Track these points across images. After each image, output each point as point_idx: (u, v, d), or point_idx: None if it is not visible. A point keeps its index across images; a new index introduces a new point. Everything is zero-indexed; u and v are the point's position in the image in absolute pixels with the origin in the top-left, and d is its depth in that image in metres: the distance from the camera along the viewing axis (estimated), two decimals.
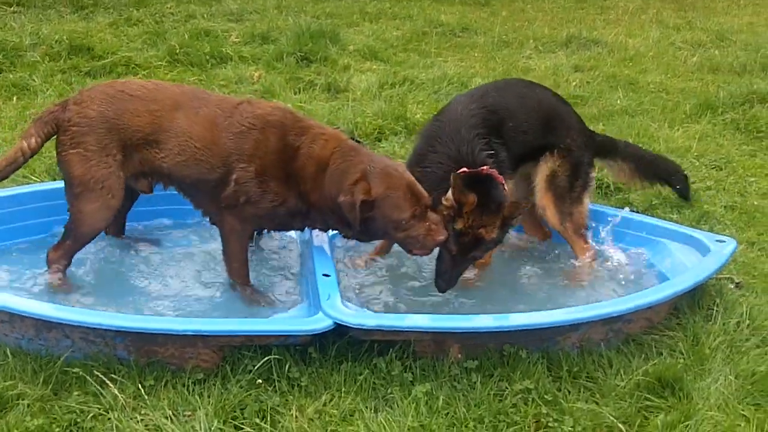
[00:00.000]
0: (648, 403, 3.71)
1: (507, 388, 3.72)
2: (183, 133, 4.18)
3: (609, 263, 4.75)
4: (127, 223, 4.78)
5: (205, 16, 9.53)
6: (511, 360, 3.85)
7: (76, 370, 3.61)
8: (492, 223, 4.16)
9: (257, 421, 3.43)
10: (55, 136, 4.24)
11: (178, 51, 8.09)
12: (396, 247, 4.64)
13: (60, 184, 4.41)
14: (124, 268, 4.56)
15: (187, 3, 10.05)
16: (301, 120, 4.28)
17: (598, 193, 5.66)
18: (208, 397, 3.51)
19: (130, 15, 9.47)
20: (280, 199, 4.18)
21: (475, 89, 5.04)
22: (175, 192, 4.43)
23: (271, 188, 4.15)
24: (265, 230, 4.65)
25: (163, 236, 4.91)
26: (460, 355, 3.83)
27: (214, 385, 3.59)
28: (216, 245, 4.45)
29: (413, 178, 4.11)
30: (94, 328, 3.65)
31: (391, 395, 3.61)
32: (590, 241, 4.80)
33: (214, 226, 4.38)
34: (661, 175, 5.35)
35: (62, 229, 4.32)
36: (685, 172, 5.55)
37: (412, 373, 3.74)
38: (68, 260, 4.28)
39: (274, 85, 7.38)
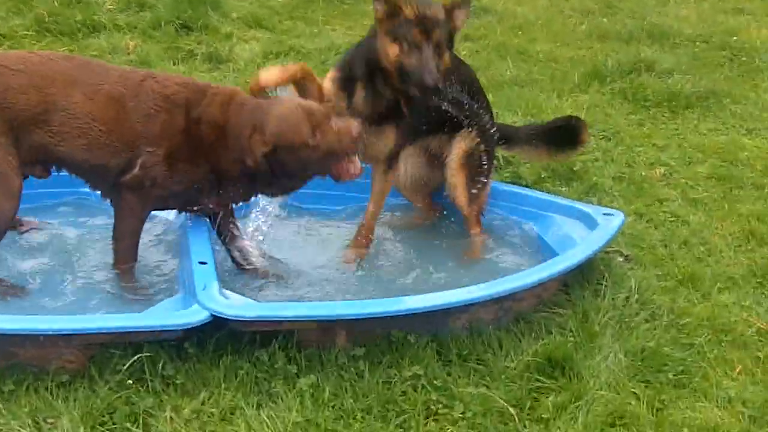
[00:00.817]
0: (539, 384, 3.65)
1: (396, 375, 3.61)
2: (84, 114, 3.85)
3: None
4: None
5: None
6: (399, 346, 3.74)
7: None
8: (436, 6, 4.21)
9: (128, 425, 3.22)
10: None
11: (46, 19, 7.55)
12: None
13: None
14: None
15: None
16: (202, 89, 4.06)
17: None
18: (74, 401, 3.28)
19: None
20: (188, 179, 3.99)
21: None
22: None
23: (179, 169, 3.95)
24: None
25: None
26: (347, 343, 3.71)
27: (81, 387, 3.35)
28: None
29: (302, 102, 4.04)
30: None
31: (275, 389, 3.46)
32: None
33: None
34: (565, 132, 5.17)
35: None
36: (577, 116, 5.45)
37: (297, 364, 3.59)
38: None
39: (150, 56, 7.02)
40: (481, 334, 3.88)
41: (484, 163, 4.69)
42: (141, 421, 3.25)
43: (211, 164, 3.99)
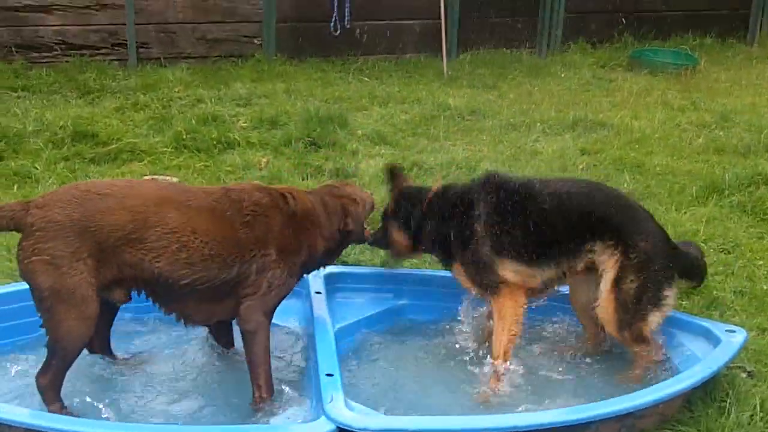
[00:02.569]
0: None
1: None
2: (182, 227, 3.98)
3: None
4: None
5: (213, 100, 9.55)
6: None
7: None
8: None
9: None
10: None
11: (184, 136, 8.07)
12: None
13: None
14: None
15: (196, 87, 10.10)
16: (269, 190, 4.36)
17: None
18: None
19: (137, 99, 9.47)
20: (297, 269, 4.26)
21: None
22: None
23: (291, 261, 4.20)
24: None
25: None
26: None
27: None
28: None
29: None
30: None
31: None
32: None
33: None
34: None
35: None
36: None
37: None
38: (59, 381, 3.98)
39: (281, 171, 7.37)
40: None
41: (645, 291, 4.50)
42: None
43: (308, 248, 4.30)
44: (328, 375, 3.90)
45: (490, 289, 4.51)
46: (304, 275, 4.51)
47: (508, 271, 4.48)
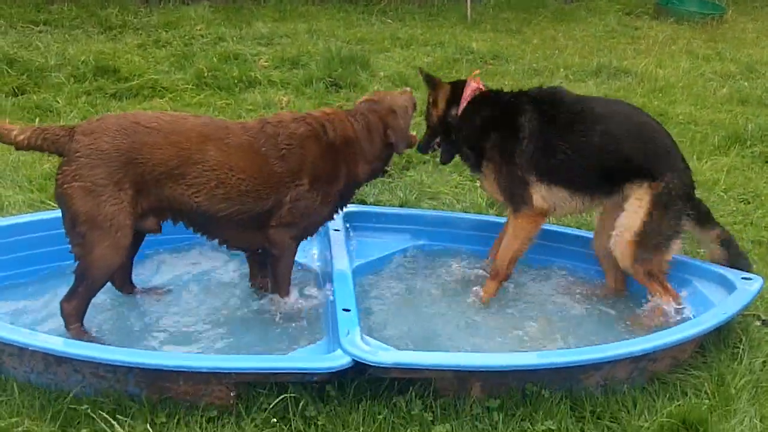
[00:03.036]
0: None
1: (529, 428, 3.68)
2: (220, 166, 4.06)
3: None
4: None
5: (235, 39, 9.53)
6: (533, 399, 3.80)
7: (85, 406, 3.55)
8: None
9: None
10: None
11: (205, 74, 8.09)
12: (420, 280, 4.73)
13: None
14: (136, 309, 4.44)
15: (218, 25, 10.07)
16: (311, 118, 4.36)
17: None
18: None
19: (158, 37, 9.48)
20: (332, 198, 4.31)
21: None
22: None
23: (325, 191, 4.26)
24: None
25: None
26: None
27: (228, 423, 3.54)
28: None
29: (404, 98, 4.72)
30: (105, 364, 3.61)
31: None
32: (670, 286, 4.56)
33: None
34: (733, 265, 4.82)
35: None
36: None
37: (433, 412, 3.70)
38: (84, 309, 4.05)
39: (302, 111, 7.34)
40: (615, 392, 3.90)
41: (664, 224, 4.51)
42: None
43: (347, 176, 4.32)
44: (345, 310, 3.94)
45: (514, 204, 4.55)
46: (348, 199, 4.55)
47: (539, 195, 4.52)
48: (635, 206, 4.49)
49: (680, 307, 4.50)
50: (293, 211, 4.20)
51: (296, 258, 4.44)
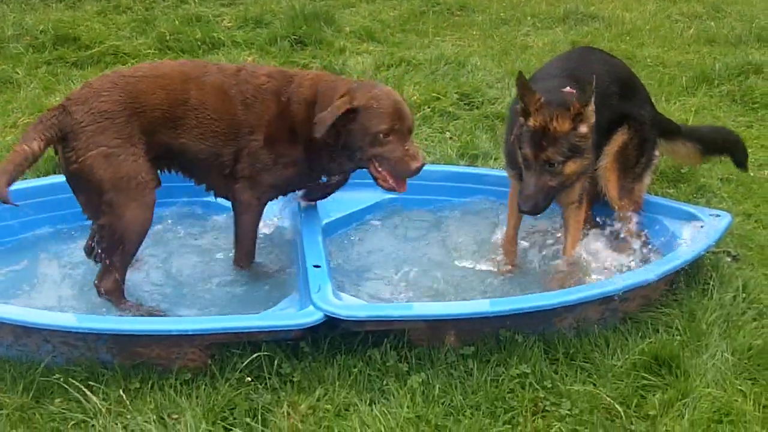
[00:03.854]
0: (645, 382, 3.70)
1: (504, 373, 3.71)
2: (199, 105, 4.09)
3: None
4: None
5: (197, 1, 9.40)
6: (507, 345, 3.84)
7: (57, 376, 3.54)
8: (561, 115, 4.03)
9: (248, 420, 3.39)
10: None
11: (168, 38, 7.96)
12: (392, 235, 4.70)
13: None
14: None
15: None
16: (289, 76, 4.33)
17: None
18: (197, 398, 3.47)
19: (118, 2, 9.27)
20: (290, 158, 4.24)
21: (556, 57, 5.05)
22: None
23: (280, 151, 4.21)
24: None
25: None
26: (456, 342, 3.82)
27: (203, 385, 3.54)
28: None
29: (402, 99, 4.22)
30: (75, 333, 3.60)
31: (387, 387, 3.60)
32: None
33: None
34: (724, 147, 5.15)
35: None
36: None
37: (408, 363, 3.72)
38: (123, 280, 4.04)
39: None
40: (588, 333, 3.94)
41: (641, 157, 4.67)
42: (260, 417, 3.41)
43: (304, 141, 4.22)
44: (316, 266, 3.95)
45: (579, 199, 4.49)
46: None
47: None
48: (618, 142, 4.61)
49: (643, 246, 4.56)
50: (250, 166, 4.19)
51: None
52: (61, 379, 3.53)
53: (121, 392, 3.47)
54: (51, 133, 3.90)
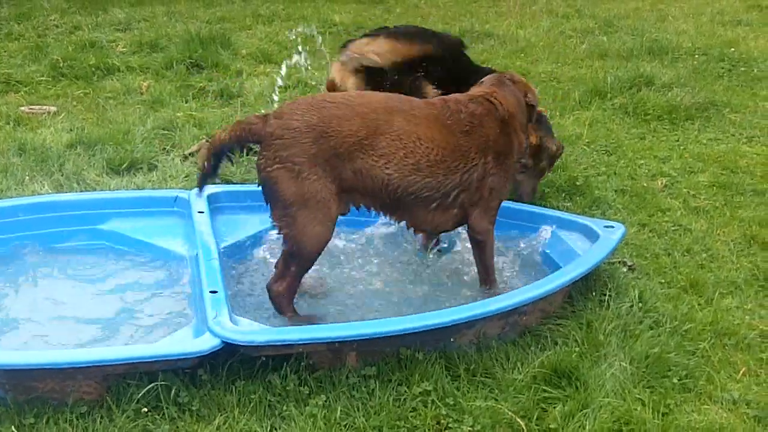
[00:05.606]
0: (546, 394, 3.73)
1: (406, 391, 3.69)
2: (408, 135, 4.08)
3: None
4: None
5: (91, 26, 9.22)
6: (408, 363, 3.82)
7: None
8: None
9: None
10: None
11: (61, 65, 7.80)
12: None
13: None
14: None
15: (73, 14, 9.73)
16: (483, 99, 4.36)
17: None
18: (93, 431, 3.37)
19: (10, 29, 9.10)
20: (512, 174, 4.47)
21: None
22: None
23: (507, 166, 4.34)
24: None
25: None
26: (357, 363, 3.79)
27: (99, 417, 3.43)
28: None
29: None
30: None
31: (287, 412, 3.54)
32: None
33: None
34: None
35: None
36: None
37: (309, 386, 3.68)
38: (296, 289, 4.16)
39: (163, 95, 7.18)
40: (488, 348, 3.97)
41: None
42: None
43: (517, 149, 4.43)
44: (212, 292, 3.87)
45: None
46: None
47: None
48: None
49: None
50: (485, 191, 4.27)
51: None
52: None
53: (14, 428, 3.35)
54: (243, 133, 4.04)
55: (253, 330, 3.72)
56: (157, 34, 8.77)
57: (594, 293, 4.43)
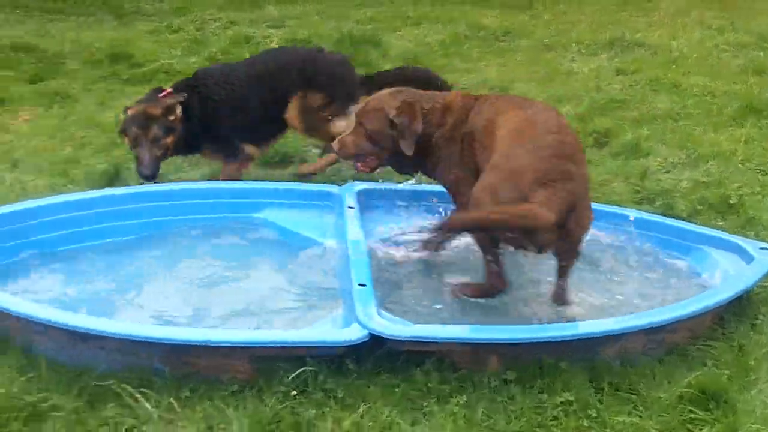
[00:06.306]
0: (692, 416, 3.62)
1: (547, 400, 3.66)
2: None
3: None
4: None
5: (247, 22, 9.55)
6: (551, 371, 3.79)
7: (110, 382, 3.57)
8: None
9: None
10: None
11: (219, 57, 8.11)
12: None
13: None
14: None
15: (229, 10, 10.10)
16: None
17: (641, 198, 5.59)
18: (243, 409, 3.47)
19: (171, 22, 9.51)
20: None
21: None
22: None
23: None
24: None
25: None
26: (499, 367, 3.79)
27: (250, 397, 3.55)
28: None
29: None
30: (128, 340, 3.63)
31: (428, 408, 3.57)
32: None
33: None
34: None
35: None
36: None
37: (450, 385, 3.69)
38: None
39: None
40: (633, 364, 3.89)
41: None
42: (305, 431, 3.41)
43: None
44: (361, 285, 3.94)
45: None
46: None
47: None
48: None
49: None
50: None
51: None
52: (115, 385, 3.55)
53: (172, 400, 3.48)
54: None
55: (400, 325, 3.78)
56: (310, 33, 9.00)
57: (746, 317, 4.30)
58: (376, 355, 3.78)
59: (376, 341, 3.69)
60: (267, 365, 3.67)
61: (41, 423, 3.41)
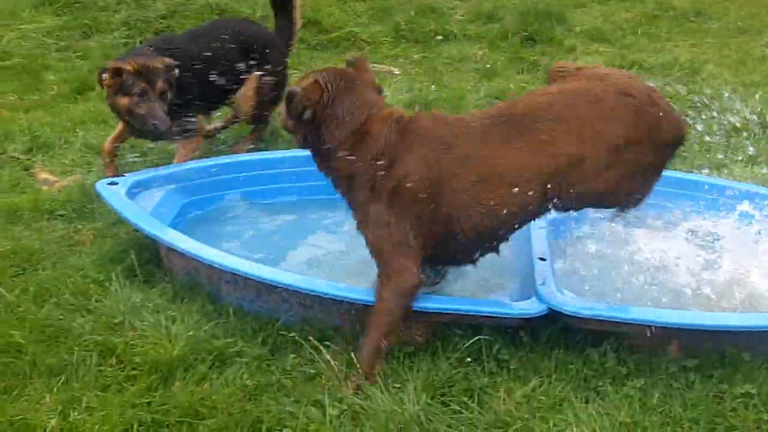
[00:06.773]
0: None
1: (727, 390, 3.56)
2: None
3: None
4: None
5: None
6: (733, 362, 3.67)
7: (292, 333, 3.72)
8: None
9: (465, 399, 3.44)
10: None
11: (403, 27, 8.20)
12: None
13: None
14: None
15: None
16: None
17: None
18: (418, 371, 3.54)
19: None
20: None
21: None
22: None
23: None
24: None
25: None
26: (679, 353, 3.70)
27: (424, 360, 3.61)
28: None
29: None
30: (312, 295, 3.75)
31: (603, 388, 3.54)
32: None
33: None
34: None
35: None
36: None
37: (627, 367, 3.65)
38: None
39: (496, 64, 7.35)
40: None
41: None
42: (477, 398, 3.44)
43: None
44: (541, 259, 3.93)
45: None
46: None
47: None
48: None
49: None
50: None
51: None
52: (296, 337, 3.70)
53: (352, 354, 3.56)
54: None
55: (581, 302, 3.74)
56: (495, 5, 8.95)
57: None
58: (550, 331, 3.77)
59: (552, 316, 3.67)
60: (442, 331, 3.73)
61: (226, 367, 3.59)
